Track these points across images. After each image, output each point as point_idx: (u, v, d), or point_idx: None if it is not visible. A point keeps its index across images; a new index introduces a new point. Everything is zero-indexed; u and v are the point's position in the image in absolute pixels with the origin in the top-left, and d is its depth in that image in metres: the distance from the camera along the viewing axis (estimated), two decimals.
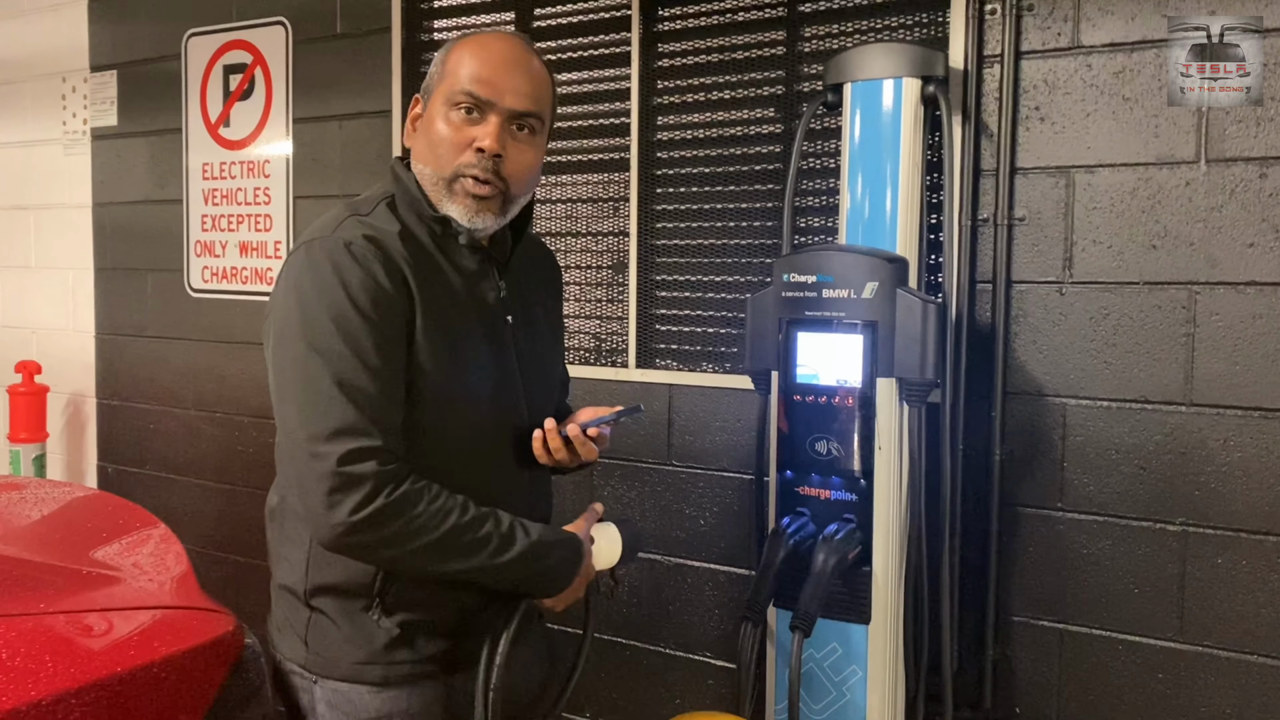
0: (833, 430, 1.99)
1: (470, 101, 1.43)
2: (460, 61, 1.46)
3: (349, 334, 1.33)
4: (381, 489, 1.30)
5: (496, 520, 1.38)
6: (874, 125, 2.10)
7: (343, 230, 1.41)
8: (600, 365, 2.68)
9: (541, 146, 1.52)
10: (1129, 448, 2.06)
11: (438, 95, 1.47)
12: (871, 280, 1.93)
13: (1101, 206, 2.07)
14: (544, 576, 1.43)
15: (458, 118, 1.44)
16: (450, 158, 1.44)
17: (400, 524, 1.31)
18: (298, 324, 1.36)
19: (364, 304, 1.34)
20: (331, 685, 1.45)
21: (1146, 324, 2.03)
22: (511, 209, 1.50)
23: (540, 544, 1.41)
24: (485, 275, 1.53)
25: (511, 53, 1.47)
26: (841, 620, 1.99)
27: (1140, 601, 2.06)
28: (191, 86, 3.41)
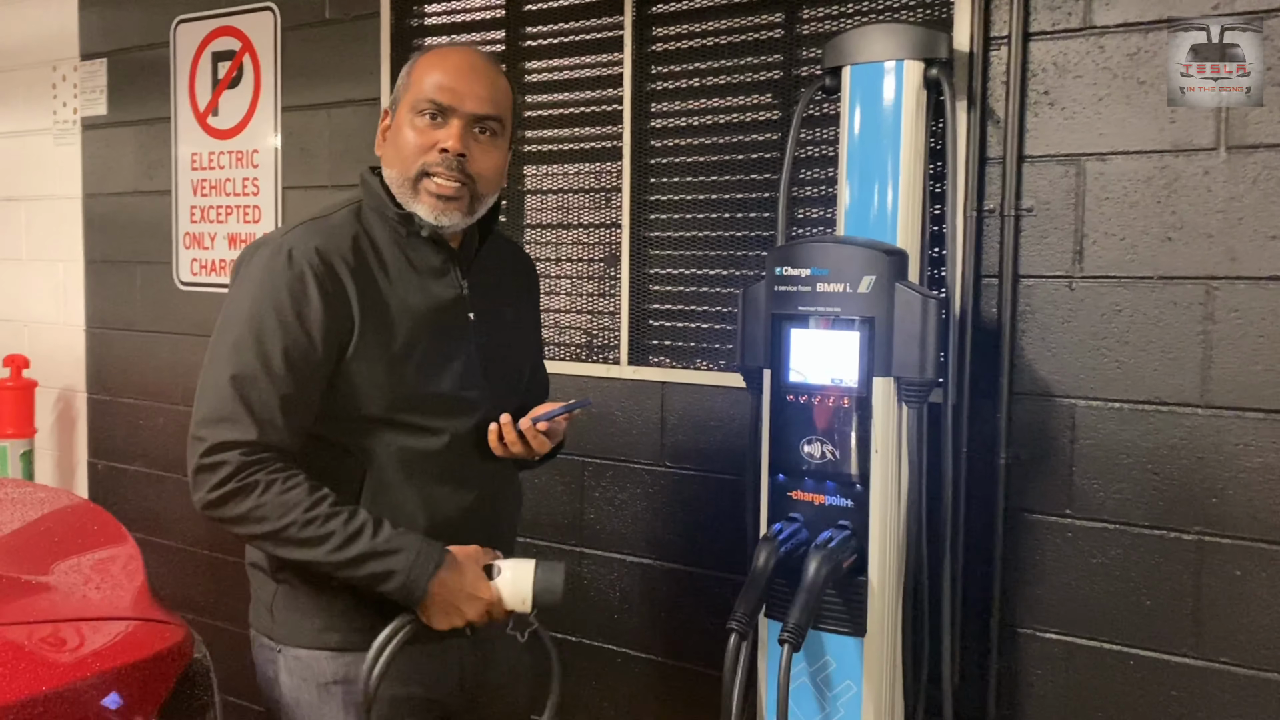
0: (827, 432, 1.89)
1: (434, 108, 1.54)
2: (424, 72, 1.57)
3: (261, 338, 1.45)
4: (233, 476, 1.42)
5: (349, 519, 1.44)
6: (874, 111, 2.00)
7: (291, 237, 1.51)
8: (591, 362, 2.59)
9: (504, 149, 1.62)
10: (1142, 452, 1.95)
11: (404, 105, 1.58)
12: (868, 274, 1.83)
13: (1114, 196, 1.95)
14: (386, 581, 1.45)
15: (422, 124, 1.54)
16: (415, 159, 1.54)
17: (244, 510, 1.42)
18: (226, 318, 1.49)
19: (287, 313, 1.45)
20: (294, 653, 1.56)
21: (1161, 321, 1.92)
22: (479, 208, 1.60)
23: (381, 549, 1.44)
24: (446, 273, 1.61)
25: (471, 62, 1.59)
26: (836, 632, 1.89)
27: (1153, 614, 1.95)
28: (180, 74, 3.34)
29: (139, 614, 1.52)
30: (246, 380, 1.43)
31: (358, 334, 1.49)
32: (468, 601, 1.50)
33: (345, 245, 1.52)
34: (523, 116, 2.64)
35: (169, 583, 3.43)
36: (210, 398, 1.45)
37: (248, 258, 1.53)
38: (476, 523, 1.62)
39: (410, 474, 1.55)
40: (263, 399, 1.44)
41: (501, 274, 1.74)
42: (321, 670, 1.55)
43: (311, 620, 1.55)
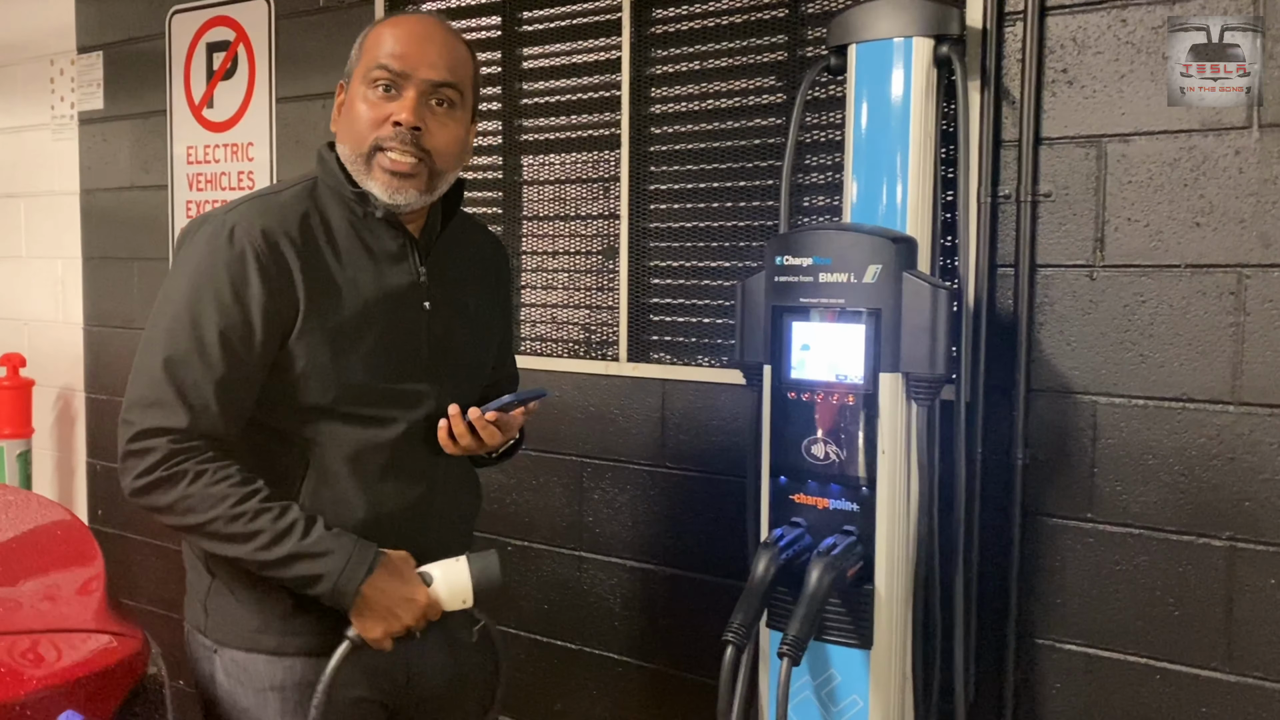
0: (831, 432, 1.78)
1: (386, 77, 1.44)
2: (376, 40, 1.48)
3: (196, 320, 1.37)
4: (161, 464, 1.35)
5: (280, 515, 1.37)
6: (881, 92, 1.88)
7: (235, 215, 1.42)
8: (589, 359, 2.49)
9: (463, 121, 1.52)
10: (1168, 452, 1.83)
11: (356, 76, 1.48)
12: (874, 263, 1.72)
13: (1137, 180, 1.83)
14: (315, 584, 1.38)
15: (375, 95, 1.45)
16: (368, 133, 1.45)
17: (170, 500, 1.35)
18: (164, 297, 1.41)
19: (224, 295, 1.37)
20: (230, 654, 1.48)
21: (1189, 312, 1.80)
22: (438, 185, 1.51)
23: (310, 551, 1.37)
24: (403, 258, 1.53)
25: (425, 28, 1.49)
26: (840, 644, 1.78)
27: (1181, 625, 1.83)
28: (175, 66, 3.26)
29: (95, 626, 1.43)
30: (179, 364, 1.36)
31: (301, 318, 1.41)
32: (403, 605, 1.41)
33: (293, 224, 1.43)
34: (512, 68, 2.55)
35: (165, 585, 3.36)
36: (142, 381, 1.38)
37: (190, 234, 1.45)
38: (423, 519, 1.54)
39: (355, 466, 1.47)
40: (196, 384, 1.36)
41: (466, 262, 1.65)
42: (259, 674, 1.47)
43: (247, 620, 1.47)
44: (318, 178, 1.51)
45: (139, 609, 3.41)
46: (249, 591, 1.46)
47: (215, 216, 1.44)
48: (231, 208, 1.45)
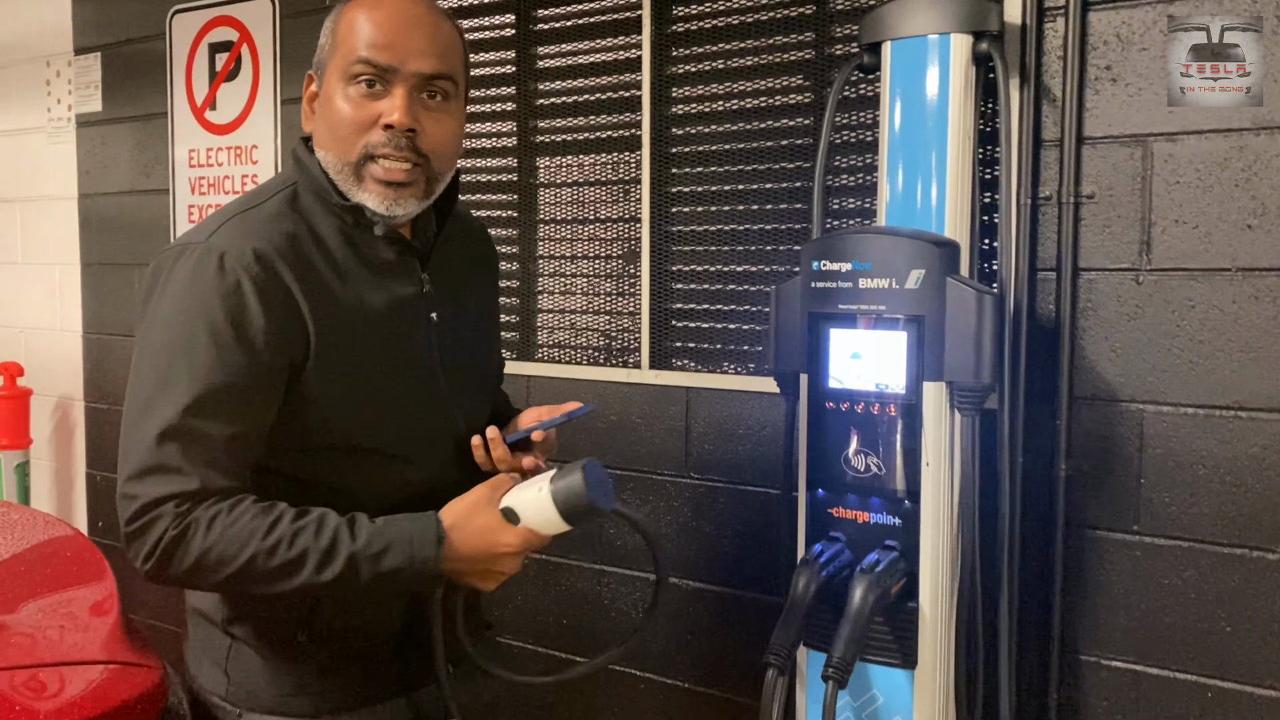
0: (872, 443, 1.71)
1: (370, 71, 1.27)
2: (352, 27, 1.28)
3: (194, 368, 1.19)
4: (167, 531, 1.17)
5: (319, 529, 1.19)
6: (918, 90, 1.82)
7: (220, 239, 1.23)
8: (610, 366, 2.42)
9: (459, 113, 1.36)
10: (1219, 462, 1.76)
11: (332, 69, 1.30)
12: (917, 267, 1.65)
13: (1185, 181, 1.77)
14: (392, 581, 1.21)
15: (357, 92, 1.28)
16: (354, 139, 1.28)
17: (193, 559, 1.18)
18: (148, 344, 1.22)
19: (223, 335, 1.19)
20: (257, 718, 1.33)
21: (1241, 318, 1.74)
22: (436, 188, 1.35)
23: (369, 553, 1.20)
24: (406, 269, 1.37)
25: (408, 9, 1.30)
26: (883, 664, 1.72)
27: (1233, 641, 1.77)
28: (176, 67, 3.19)
29: (110, 656, 1.35)
30: (180, 425, 1.17)
31: (314, 349, 1.24)
32: (499, 560, 1.25)
33: (283, 242, 1.25)
34: (527, 67, 2.48)
35: (166, 598, 3.28)
36: (138, 447, 1.19)
37: (165, 267, 1.24)
38: None
39: (374, 495, 1.30)
40: (202, 444, 1.18)
41: (461, 260, 1.49)
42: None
43: (278, 683, 1.33)
44: (296, 183, 1.33)
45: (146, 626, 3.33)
46: (276, 652, 1.32)
47: (193, 244, 1.23)
48: (211, 231, 1.24)
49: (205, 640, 1.38)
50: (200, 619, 1.39)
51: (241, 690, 1.34)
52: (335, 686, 1.34)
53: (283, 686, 1.33)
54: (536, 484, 1.28)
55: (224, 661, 1.35)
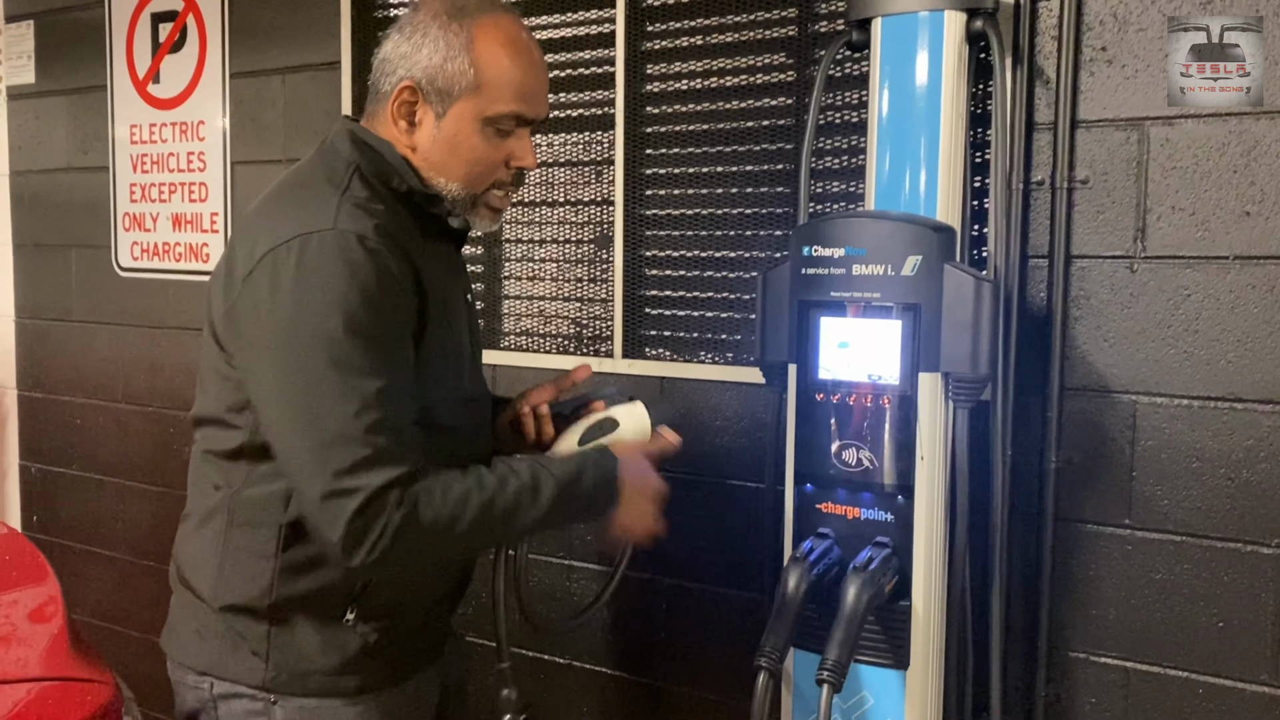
0: (864, 436, 1.65)
1: (517, 122, 1.38)
2: (499, 68, 1.35)
3: (371, 350, 1.22)
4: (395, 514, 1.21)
5: (517, 475, 1.33)
6: (908, 70, 1.75)
7: (346, 220, 1.26)
8: (581, 354, 2.33)
9: None
10: (1214, 455, 1.72)
11: (470, 106, 1.35)
12: (913, 254, 1.59)
13: (1182, 166, 1.72)
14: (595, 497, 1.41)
15: (494, 134, 1.37)
16: (487, 177, 1.39)
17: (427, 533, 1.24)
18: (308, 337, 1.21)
19: (389, 316, 1.25)
20: (297, 703, 1.35)
21: (1237, 307, 1.70)
22: None
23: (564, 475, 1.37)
24: (455, 254, 1.50)
25: (538, 50, 1.42)
26: (874, 664, 1.66)
27: (1226, 638, 1.73)
28: (116, 38, 3.02)
29: (54, 672, 1.24)
30: (382, 409, 1.21)
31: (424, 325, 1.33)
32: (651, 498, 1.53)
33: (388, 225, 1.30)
34: None
35: (109, 597, 3.14)
36: (346, 440, 1.20)
37: (293, 256, 1.23)
38: None
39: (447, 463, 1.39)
40: (402, 424, 1.25)
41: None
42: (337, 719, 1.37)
43: (323, 663, 1.35)
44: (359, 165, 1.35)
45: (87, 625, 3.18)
46: (321, 633, 1.35)
47: (318, 231, 1.24)
48: (333, 216, 1.26)
49: (241, 631, 1.36)
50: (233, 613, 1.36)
51: (284, 674, 1.35)
52: (379, 664, 1.39)
53: (331, 664, 1.35)
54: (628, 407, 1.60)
55: (265, 647, 1.35)
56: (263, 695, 1.35)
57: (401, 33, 1.38)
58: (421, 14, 1.37)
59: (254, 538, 1.34)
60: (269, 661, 1.35)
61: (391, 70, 1.38)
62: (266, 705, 1.35)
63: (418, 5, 1.40)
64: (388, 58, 1.39)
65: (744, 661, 1.61)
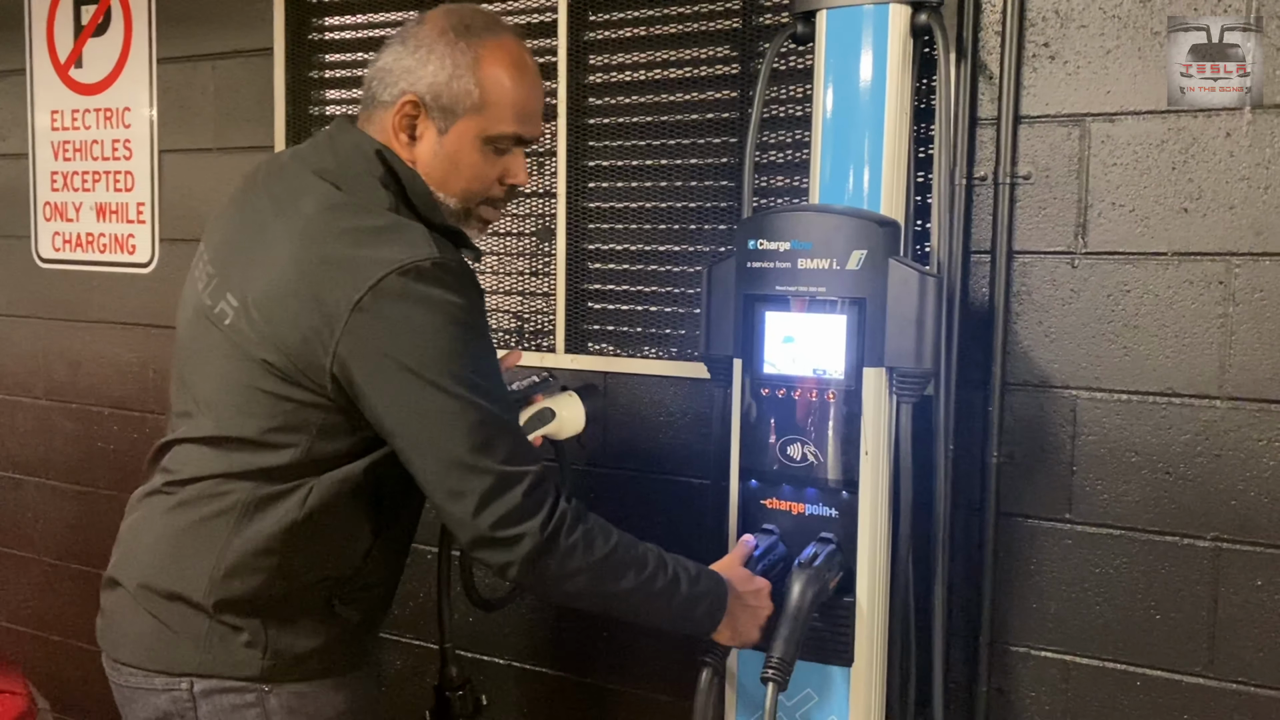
0: (808, 431, 1.63)
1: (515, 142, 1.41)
2: (502, 89, 1.37)
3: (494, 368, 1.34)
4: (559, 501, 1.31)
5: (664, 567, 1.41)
6: (852, 63, 1.74)
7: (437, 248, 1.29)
8: (523, 349, 2.28)
9: None
10: (1152, 449, 1.74)
11: (472, 124, 1.37)
12: (859, 248, 1.57)
13: (1123, 162, 1.74)
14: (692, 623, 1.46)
15: (491, 152, 1.40)
16: (481, 193, 1.42)
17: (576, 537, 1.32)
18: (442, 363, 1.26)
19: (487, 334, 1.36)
20: (290, 689, 1.36)
21: (1175, 302, 1.71)
22: None
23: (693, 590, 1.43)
24: None
25: (537, 73, 1.43)
26: (818, 661, 1.64)
27: (1163, 629, 1.75)
28: (36, 19, 2.90)
29: None
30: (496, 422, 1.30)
31: None
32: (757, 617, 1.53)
33: None
34: None
35: (29, 601, 3.01)
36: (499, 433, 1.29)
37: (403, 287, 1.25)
38: None
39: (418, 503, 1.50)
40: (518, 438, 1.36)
41: None
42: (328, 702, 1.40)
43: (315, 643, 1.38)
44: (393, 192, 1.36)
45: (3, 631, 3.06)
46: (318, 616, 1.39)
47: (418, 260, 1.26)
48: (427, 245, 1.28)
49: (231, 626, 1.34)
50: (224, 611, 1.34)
51: (282, 662, 1.35)
52: (358, 644, 1.45)
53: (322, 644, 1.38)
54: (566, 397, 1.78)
55: (262, 639, 1.35)
56: (255, 687, 1.34)
57: (405, 45, 1.38)
58: (427, 29, 1.37)
59: (261, 537, 1.33)
60: (266, 651, 1.35)
61: (393, 81, 1.37)
62: (260, 695, 1.34)
63: (422, 19, 1.39)
64: (389, 68, 1.38)
65: (687, 659, 1.59)
